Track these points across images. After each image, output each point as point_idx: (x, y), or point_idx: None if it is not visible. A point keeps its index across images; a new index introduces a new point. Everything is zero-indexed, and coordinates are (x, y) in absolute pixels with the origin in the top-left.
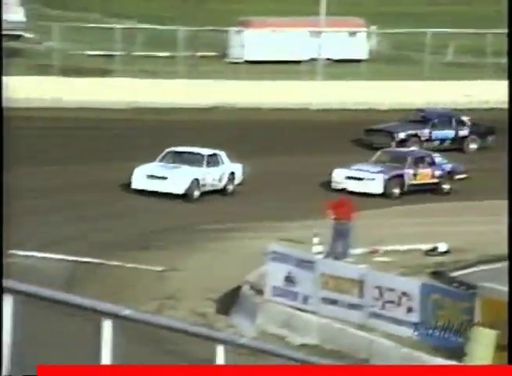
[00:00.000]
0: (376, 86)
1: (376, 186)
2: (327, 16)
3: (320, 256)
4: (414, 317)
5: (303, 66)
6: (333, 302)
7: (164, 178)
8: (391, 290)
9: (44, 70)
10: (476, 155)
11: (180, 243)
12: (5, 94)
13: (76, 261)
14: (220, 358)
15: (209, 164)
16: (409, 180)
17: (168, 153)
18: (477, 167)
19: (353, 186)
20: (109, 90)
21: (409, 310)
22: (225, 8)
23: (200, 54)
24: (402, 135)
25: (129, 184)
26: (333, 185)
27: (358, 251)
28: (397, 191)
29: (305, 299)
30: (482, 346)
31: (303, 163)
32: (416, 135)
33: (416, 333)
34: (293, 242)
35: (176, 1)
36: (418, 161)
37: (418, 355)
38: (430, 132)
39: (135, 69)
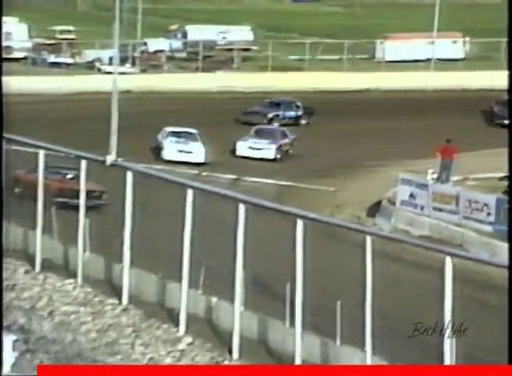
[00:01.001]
0: (467, 75)
1: (270, 153)
2: (438, 31)
3: (432, 181)
4: (491, 218)
5: (422, 63)
6: (440, 210)
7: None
8: (476, 202)
9: (264, 68)
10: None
11: (344, 174)
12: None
13: (280, 184)
14: (368, 245)
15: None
16: (284, 148)
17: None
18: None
19: (253, 154)
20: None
21: (488, 215)
22: (372, 22)
23: (358, 57)
24: (270, 115)
25: None
26: (238, 153)
27: (456, 178)
28: (279, 156)
29: (422, 208)
30: None
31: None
32: (277, 116)
33: (493, 228)
34: (415, 172)
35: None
36: (282, 135)
37: (494, 242)
38: (284, 113)
39: (319, 67)
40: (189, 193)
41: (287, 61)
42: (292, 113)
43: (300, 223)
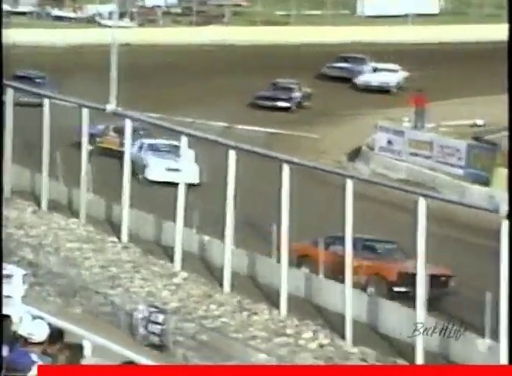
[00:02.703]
0: (441, 28)
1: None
2: None
3: (408, 127)
4: (462, 163)
5: (400, 18)
6: (415, 155)
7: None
8: (448, 147)
9: (253, 23)
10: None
11: (326, 122)
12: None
13: (268, 132)
14: (349, 189)
15: None
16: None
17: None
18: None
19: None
20: (288, 34)
21: (459, 159)
22: None
23: (340, 12)
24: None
25: None
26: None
27: (430, 125)
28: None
29: (399, 153)
30: (500, 177)
31: None
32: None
33: (463, 171)
34: (392, 120)
35: None
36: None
37: (463, 184)
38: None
39: (304, 21)
40: (183, 140)
41: (275, 16)
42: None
43: (286, 168)
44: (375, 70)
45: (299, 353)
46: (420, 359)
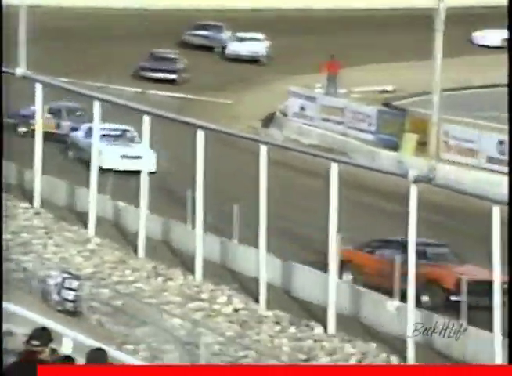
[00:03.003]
0: None
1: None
2: None
3: (321, 93)
4: (372, 128)
5: None
6: (327, 120)
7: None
8: (360, 113)
9: None
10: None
11: (240, 88)
12: None
13: (182, 97)
14: (263, 154)
15: None
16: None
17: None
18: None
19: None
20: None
21: (370, 125)
22: None
23: None
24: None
25: None
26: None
27: (342, 91)
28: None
29: (311, 119)
30: (408, 143)
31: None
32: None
33: (374, 137)
34: (306, 86)
35: None
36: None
37: (373, 149)
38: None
39: None
40: (96, 104)
41: None
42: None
43: (200, 133)
44: (241, 39)
45: (214, 317)
46: (332, 323)
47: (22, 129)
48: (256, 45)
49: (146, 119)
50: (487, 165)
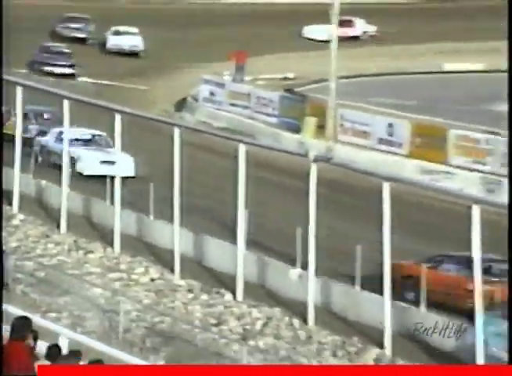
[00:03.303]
0: None
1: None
2: None
3: (229, 80)
4: (275, 112)
5: None
6: (235, 105)
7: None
8: (264, 98)
9: None
10: None
11: (155, 74)
12: None
13: (99, 83)
14: (176, 136)
15: None
16: None
17: None
18: None
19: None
20: None
21: (273, 109)
22: None
23: None
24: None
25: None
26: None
27: (248, 78)
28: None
29: (220, 103)
30: (308, 126)
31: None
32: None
33: (277, 120)
34: (215, 74)
35: None
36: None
37: (277, 131)
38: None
39: None
40: (19, 90)
41: None
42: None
43: (118, 117)
44: (118, 33)
45: (132, 287)
46: (240, 290)
47: None
48: (134, 38)
49: (66, 103)
50: (378, 146)
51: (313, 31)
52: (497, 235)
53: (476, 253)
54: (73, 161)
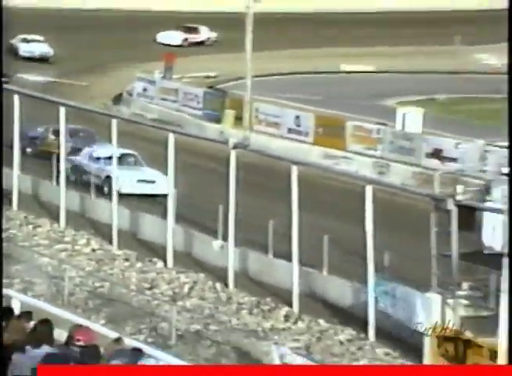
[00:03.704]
0: None
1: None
2: None
3: (160, 78)
4: (200, 106)
5: None
6: (165, 100)
7: None
8: (190, 94)
9: None
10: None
11: (95, 72)
12: None
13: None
14: (114, 126)
15: None
16: None
17: None
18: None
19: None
20: None
21: (198, 103)
22: None
23: None
24: None
25: None
26: None
27: (176, 76)
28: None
29: (152, 98)
30: (228, 117)
31: None
32: None
33: (201, 112)
34: (148, 72)
35: None
36: None
37: (201, 122)
38: None
39: None
40: (62, 110)
41: None
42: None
43: (62, 110)
44: (26, 40)
45: (75, 256)
46: (170, 259)
47: (29, 150)
48: (42, 45)
49: (16, 98)
50: (287, 135)
51: (166, 37)
52: (387, 211)
53: (369, 226)
54: (108, 179)
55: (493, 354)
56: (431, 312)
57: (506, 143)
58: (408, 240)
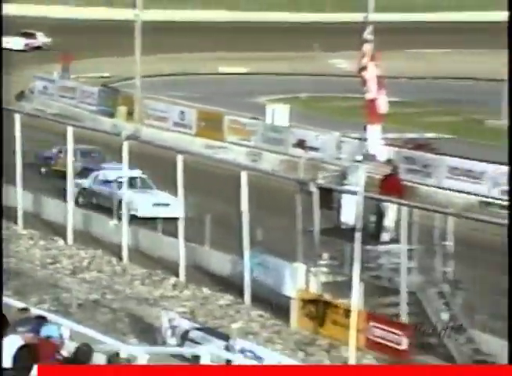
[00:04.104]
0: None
1: None
2: None
3: (58, 78)
4: (95, 102)
5: None
6: (64, 97)
7: None
8: (86, 91)
9: None
10: None
11: None
12: None
13: None
14: (17, 120)
15: None
16: None
17: None
18: None
19: None
20: None
21: (94, 99)
22: None
23: None
24: None
25: None
26: None
27: (73, 76)
28: None
29: (52, 95)
30: (121, 112)
31: None
32: None
33: (96, 108)
34: (48, 72)
35: None
36: None
37: (96, 116)
38: None
39: None
40: (70, 129)
41: None
42: None
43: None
44: None
45: None
46: (70, 237)
47: (43, 169)
48: None
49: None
50: (173, 128)
51: (8, 42)
52: (260, 193)
53: (244, 206)
54: (118, 203)
55: (348, 313)
56: (297, 279)
57: (357, 135)
58: (277, 218)
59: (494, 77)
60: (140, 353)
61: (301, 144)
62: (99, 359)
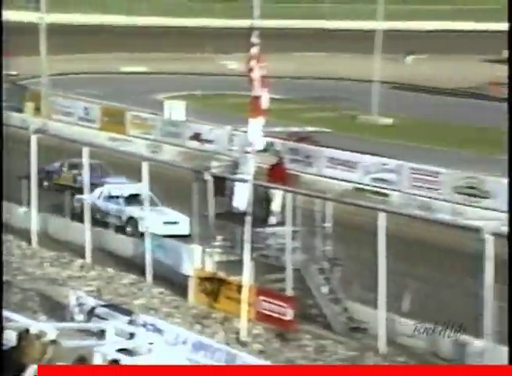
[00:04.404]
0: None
1: None
2: None
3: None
4: (5, 98)
5: None
6: None
7: None
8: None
9: None
10: None
11: None
12: None
13: None
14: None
15: None
16: None
17: None
18: None
19: None
20: None
21: (4, 96)
22: None
23: None
24: None
25: None
26: None
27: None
28: None
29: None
30: (29, 108)
31: None
32: None
33: (5, 104)
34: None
35: None
36: None
37: (7, 113)
38: None
39: None
40: (85, 150)
41: None
42: None
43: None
44: None
45: None
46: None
47: (46, 183)
48: None
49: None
50: (79, 122)
51: None
52: (160, 182)
53: (145, 194)
54: (131, 220)
55: (240, 289)
56: (194, 259)
57: (246, 129)
58: (176, 204)
59: (368, 78)
60: (49, 329)
61: (196, 137)
62: (10, 335)
